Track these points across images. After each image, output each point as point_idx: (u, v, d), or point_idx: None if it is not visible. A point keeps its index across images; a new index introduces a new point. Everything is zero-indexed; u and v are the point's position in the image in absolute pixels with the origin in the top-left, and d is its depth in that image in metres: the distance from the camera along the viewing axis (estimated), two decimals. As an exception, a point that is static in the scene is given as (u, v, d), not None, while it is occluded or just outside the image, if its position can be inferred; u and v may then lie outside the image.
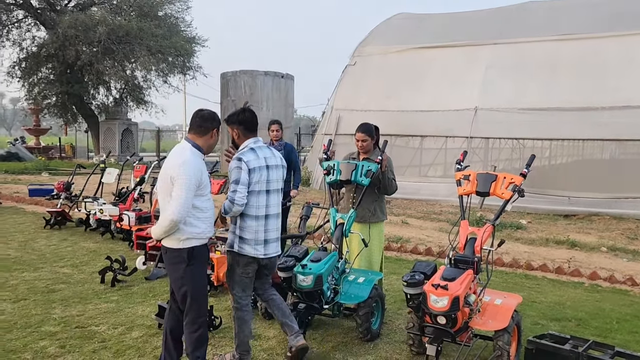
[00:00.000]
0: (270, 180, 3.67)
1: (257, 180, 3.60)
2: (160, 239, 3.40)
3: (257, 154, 3.65)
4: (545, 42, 14.26)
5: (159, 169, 9.01)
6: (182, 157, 3.32)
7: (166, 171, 3.33)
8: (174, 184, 3.26)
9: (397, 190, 4.90)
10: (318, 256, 4.19)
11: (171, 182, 3.27)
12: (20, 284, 5.84)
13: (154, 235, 3.40)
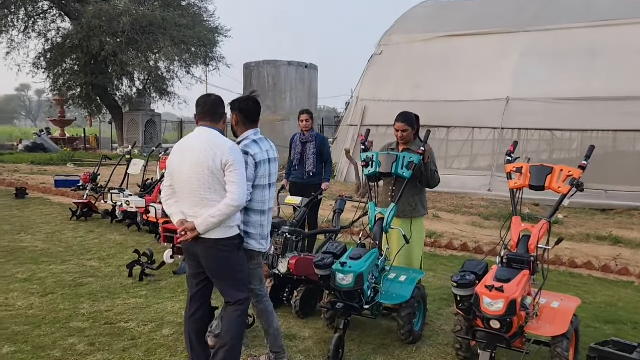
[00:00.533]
0: (271, 173, 3.56)
1: (263, 174, 3.47)
2: (207, 231, 3.16)
3: (260, 146, 3.50)
4: (584, 28, 13.70)
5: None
6: (226, 142, 3.19)
7: (208, 159, 3.12)
8: (226, 169, 3.13)
9: (439, 183, 4.62)
10: (358, 253, 3.94)
11: (221, 169, 3.12)
12: (47, 277, 5.72)
13: (204, 228, 3.14)
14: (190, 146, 3.24)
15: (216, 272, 3.30)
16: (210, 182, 3.13)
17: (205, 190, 3.15)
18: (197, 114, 3.33)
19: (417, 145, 4.61)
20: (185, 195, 3.22)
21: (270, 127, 20.66)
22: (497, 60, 14.88)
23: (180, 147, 3.30)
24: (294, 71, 20.83)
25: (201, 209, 3.16)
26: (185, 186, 3.21)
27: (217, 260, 3.25)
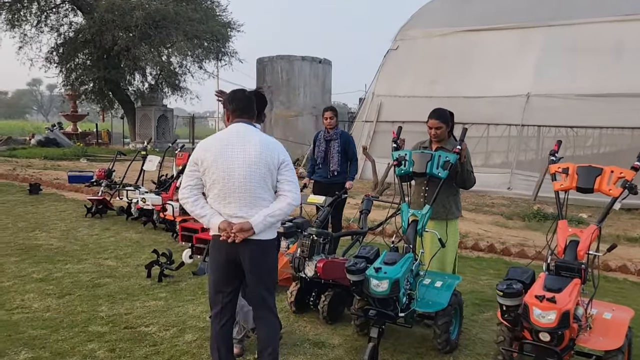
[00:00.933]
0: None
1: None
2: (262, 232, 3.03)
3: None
4: (608, 23, 13.34)
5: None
6: (276, 140, 3.19)
7: (266, 157, 3.03)
8: (282, 168, 3.08)
9: (475, 184, 4.39)
10: (392, 258, 3.72)
11: (277, 167, 3.07)
12: (64, 277, 5.56)
13: (261, 228, 3.00)
14: (239, 143, 3.04)
15: (260, 275, 3.13)
16: (265, 180, 3.04)
17: (260, 189, 3.03)
18: (234, 110, 3.15)
19: (452, 143, 4.38)
20: (235, 195, 3.01)
21: (284, 123, 20.50)
22: (517, 56, 14.55)
23: (220, 144, 3.03)
24: (307, 66, 20.60)
25: (251, 209, 3.00)
26: (235, 185, 3.00)
27: (265, 262, 3.12)
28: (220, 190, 3.02)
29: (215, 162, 3.01)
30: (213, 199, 3.06)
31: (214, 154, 3.01)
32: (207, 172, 3.03)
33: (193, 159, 3.08)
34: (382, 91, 16.59)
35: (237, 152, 3.02)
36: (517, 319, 3.18)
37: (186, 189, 3.07)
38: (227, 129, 3.13)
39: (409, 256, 3.78)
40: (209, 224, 3.05)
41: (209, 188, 3.07)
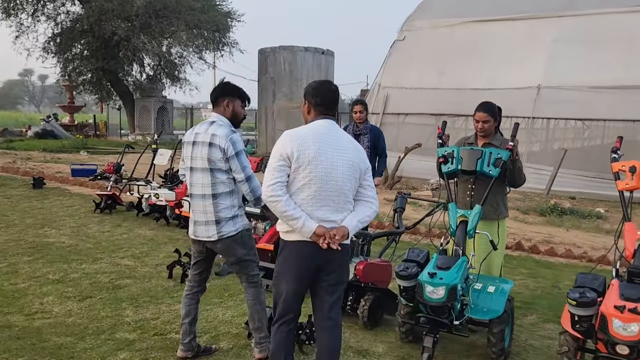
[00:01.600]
0: (193, 157, 3.41)
1: (186, 155, 3.49)
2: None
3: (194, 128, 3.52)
4: (622, 14, 13.11)
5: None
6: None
7: (359, 161, 2.90)
8: (365, 173, 2.94)
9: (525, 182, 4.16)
10: (446, 262, 3.49)
11: (364, 172, 2.93)
12: (81, 278, 5.30)
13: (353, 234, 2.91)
14: (335, 143, 2.82)
15: (342, 282, 3.01)
16: (355, 185, 2.88)
17: (351, 194, 2.89)
18: (319, 104, 2.88)
19: (499, 139, 4.15)
20: (330, 198, 2.79)
21: (287, 114, 20.21)
22: (527, 47, 14.31)
23: (317, 140, 2.77)
24: (310, 57, 20.31)
25: (340, 214, 2.82)
26: (333, 188, 2.78)
27: (347, 269, 3.07)
28: (316, 191, 2.75)
29: (316, 160, 2.73)
30: (304, 200, 2.76)
31: (314, 150, 2.74)
32: (303, 169, 2.73)
33: (282, 151, 2.73)
34: (389, 83, 16.34)
35: (336, 152, 2.80)
36: (591, 330, 2.97)
37: (276, 185, 2.71)
38: (316, 125, 2.85)
39: (463, 260, 3.55)
40: (302, 227, 2.73)
41: (299, 187, 2.76)
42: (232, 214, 3.40)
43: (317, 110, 2.88)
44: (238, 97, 3.52)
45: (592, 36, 13.35)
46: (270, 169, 2.76)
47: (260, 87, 20.95)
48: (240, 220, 3.45)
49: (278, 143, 2.79)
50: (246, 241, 3.50)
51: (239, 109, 3.53)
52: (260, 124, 21.01)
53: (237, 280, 5.33)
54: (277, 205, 2.72)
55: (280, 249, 2.93)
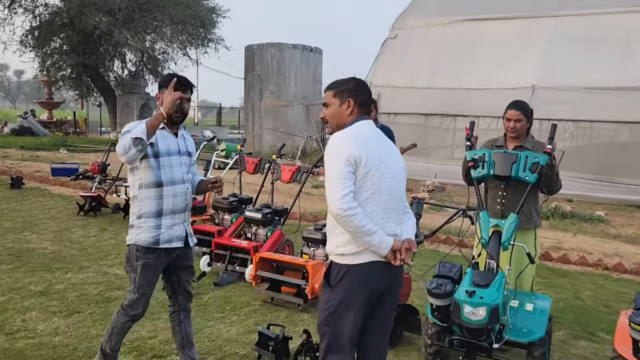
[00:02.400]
0: None
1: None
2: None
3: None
4: (618, 14, 12.97)
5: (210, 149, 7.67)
6: None
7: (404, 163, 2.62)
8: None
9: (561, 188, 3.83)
10: (483, 278, 3.15)
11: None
12: (67, 290, 4.85)
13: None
14: (390, 145, 2.58)
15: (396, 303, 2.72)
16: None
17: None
18: (363, 102, 2.55)
19: (531, 142, 3.82)
20: (395, 208, 2.49)
21: (274, 113, 19.78)
22: (521, 47, 14.12)
23: (378, 141, 2.50)
24: (299, 55, 19.90)
25: (400, 225, 2.52)
26: (397, 196, 2.51)
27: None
28: (385, 201, 2.42)
29: (383, 165, 2.42)
30: (374, 212, 2.39)
31: (380, 153, 2.42)
32: (371, 175, 2.37)
33: (349, 154, 2.34)
34: (380, 81, 15.99)
35: (393, 156, 2.52)
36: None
37: (350, 196, 2.31)
38: (365, 126, 2.51)
39: (501, 276, 3.20)
40: (379, 244, 2.36)
41: (368, 197, 2.38)
42: (131, 222, 3.05)
43: (361, 110, 2.55)
44: (166, 87, 2.93)
45: (587, 36, 13.20)
46: (337, 177, 2.32)
47: (246, 85, 20.49)
48: (136, 232, 3.01)
49: (337, 145, 2.39)
50: (131, 258, 3.05)
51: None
52: (247, 122, 20.54)
53: (238, 291, 4.97)
54: (355, 220, 2.30)
55: (338, 276, 2.43)
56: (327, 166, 2.39)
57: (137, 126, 2.80)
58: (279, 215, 5.70)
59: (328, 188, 2.35)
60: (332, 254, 2.48)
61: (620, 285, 5.58)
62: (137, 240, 2.98)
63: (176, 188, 3.04)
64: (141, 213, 2.99)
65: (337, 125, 2.55)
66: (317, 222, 7.89)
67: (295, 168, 5.96)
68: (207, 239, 5.87)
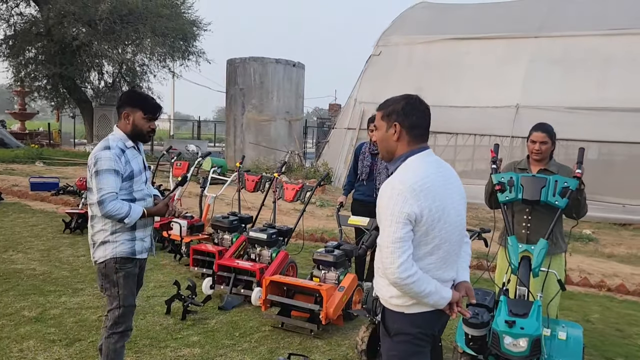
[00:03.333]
0: None
1: None
2: None
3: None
4: (595, 36, 13.31)
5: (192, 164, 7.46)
6: None
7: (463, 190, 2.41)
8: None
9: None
10: (520, 307, 3.06)
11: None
12: (64, 315, 4.59)
13: None
14: (454, 184, 2.33)
15: None
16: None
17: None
18: (417, 126, 2.27)
19: (555, 165, 3.77)
20: (455, 252, 2.31)
21: (256, 127, 19.58)
22: (504, 66, 14.37)
23: (441, 184, 2.23)
24: (281, 69, 19.80)
25: (455, 266, 2.33)
26: (457, 242, 2.31)
27: None
28: (445, 252, 2.22)
29: (445, 216, 2.19)
30: (432, 265, 2.20)
31: (442, 201, 2.19)
32: (431, 229, 2.16)
33: (409, 211, 2.10)
34: (365, 98, 16.03)
35: (455, 194, 2.29)
36: None
37: (408, 262, 2.10)
38: (424, 164, 2.24)
39: (538, 305, 3.12)
40: (438, 300, 2.19)
41: (427, 252, 2.19)
42: (102, 239, 3.01)
43: (412, 135, 2.26)
44: (140, 108, 3.04)
45: (567, 57, 13.53)
46: (394, 241, 2.10)
47: (228, 99, 20.28)
48: (112, 247, 3.00)
49: (395, 199, 2.13)
50: (109, 274, 3.03)
51: (140, 122, 3.05)
52: (229, 136, 20.29)
53: (245, 316, 4.78)
54: (414, 287, 2.12)
55: (395, 325, 2.28)
56: (383, 224, 2.17)
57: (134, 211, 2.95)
58: (283, 236, 5.55)
59: (384, 251, 2.14)
60: (386, 302, 2.32)
61: (626, 307, 5.58)
62: (114, 254, 3.00)
63: (146, 202, 3.11)
64: (115, 228, 2.99)
65: (387, 153, 2.35)
66: (318, 240, 7.78)
67: (299, 187, 5.82)
68: (207, 260, 5.69)
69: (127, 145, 3.04)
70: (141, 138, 3.12)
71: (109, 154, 2.91)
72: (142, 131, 3.07)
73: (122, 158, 2.96)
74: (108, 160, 2.89)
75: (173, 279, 5.75)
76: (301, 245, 6.62)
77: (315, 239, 7.84)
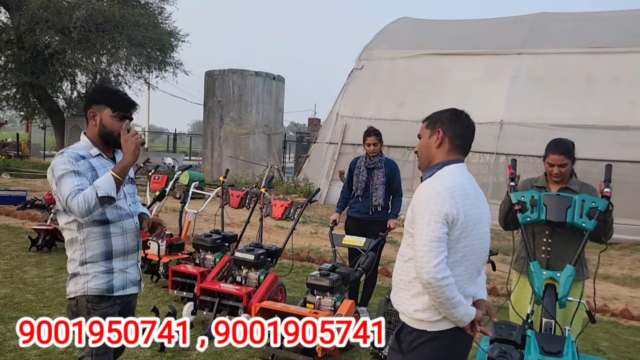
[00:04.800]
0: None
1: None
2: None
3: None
4: (577, 54, 13.38)
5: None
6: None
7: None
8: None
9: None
10: (552, 345, 2.72)
11: None
12: (28, 348, 4.07)
13: None
14: (482, 197, 2.23)
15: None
16: None
17: None
18: (457, 137, 2.28)
19: (577, 183, 3.47)
20: (478, 267, 2.23)
21: (234, 140, 19.14)
22: (487, 82, 14.32)
23: (473, 195, 2.19)
24: (261, 82, 19.47)
25: (476, 282, 2.25)
26: (483, 255, 2.23)
27: None
28: (473, 264, 2.17)
29: (478, 226, 2.15)
30: (460, 277, 2.13)
31: (478, 210, 2.16)
32: (464, 237, 2.11)
33: (447, 211, 2.07)
34: (347, 112, 15.79)
35: (486, 212, 2.21)
36: None
37: (444, 263, 2.04)
38: (460, 173, 2.22)
39: (571, 340, 2.78)
40: (463, 316, 2.10)
41: (457, 260, 2.12)
42: (72, 270, 2.52)
43: (453, 144, 2.26)
44: (107, 104, 2.53)
45: (550, 75, 13.55)
46: (432, 240, 2.05)
47: (206, 111, 19.83)
48: (82, 281, 2.50)
49: (434, 198, 2.10)
50: (81, 314, 2.50)
51: (109, 121, 2.52)
52: (206, 149, 19.79)
53: (231, 346, 4.32)
54: (447, 291, 2.03)
55: (414, 342, 2.17)
56: (419, 223, 2.11)
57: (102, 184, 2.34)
58: (272, 256, 5.13)
59: (420, 251, 2.07)
60: (408, 317, 2.18)
61: (632, 333, 5.31)
62: (85, 291, 2.48)
63: (125, 224, 2.57)
64: (85, 258, 2.48)
65: (425, 159, 2.32)
66: (304, 260, 7.36)
67: (288, 203, 5.42)
68: (187, 282, 5.25)
69: (91, 154, 2.51)
70: (113, 143, 2.55)
71: (62, 159, 2.42)
72: (113, 133, 2.52)
73: (82, 162, 2.43)
74: (62, 164, 2.39)
75: (149, 302, 5.30)
76: (286, 265, 6.22)
77: (301, 259, 7.42)
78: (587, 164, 12.89)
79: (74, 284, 2.51)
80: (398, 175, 5.11)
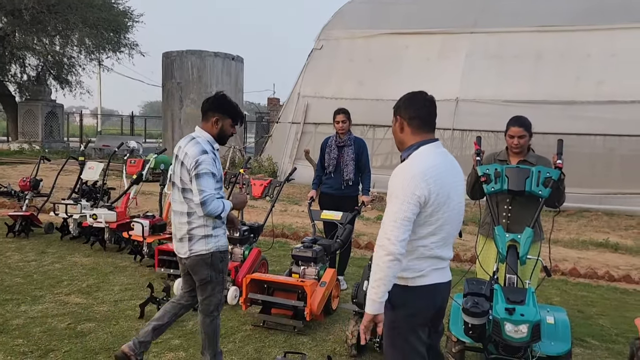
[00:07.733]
0: (174, 172, 3.36)
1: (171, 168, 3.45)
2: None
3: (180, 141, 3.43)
4: (527, 32, 14.05)
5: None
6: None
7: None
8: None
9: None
10: (516, 295, 3.18)
11: None
12: (29, 325, 4.30)
13: None
14: (458, 172, 2.53)
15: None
16: None
17: None
18: (413, 117, 2.47)
19: (534, 156, 3.93)
20: (453, 235, 2.54)
21: (196, 123, 18.96)
22: (442, 61, 14.83)
23: (446, 173, 2.43)
24: (220, 63, 19.43)
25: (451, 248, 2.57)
26: (457, 224, 2.54)
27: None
28: (446, 232, 2.45)
29: (449, 201, 2.41)
30: (433, 244, 2.42)
31: (448, 189, 2.40)
32: (437, 212, 2.37)
33: (419, 193, 2.31)
34: (308, 92, 16.06)
35: (458, 182, 2.49)
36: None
37: (405, 242, 2.30)
38: (432, 154, 2.44)
39: (531, 291, 3.25)
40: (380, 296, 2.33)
41: (430, 232, 2.40)
42: (204, 233, 3.28)
43: (413, 126, 2.47)
44: (229, 116, 3.37)
45: (501, 52, 14.16)
46: (401, 219, 2.30)
47: (165, 93, 19.66)
48: (214, 240, 3.31)
49: (407, 180, 2.33)
50: (215, 263, 3.33)
51: (228, 128, 3.39)
52: (166, 132, 19.68)
53: (223, 316, 4.65)
54: (394, 267, 2.30)
55: (395, 301, 2.44)
56: (393, 201, 2.35)
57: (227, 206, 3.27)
58: (254, 233, 5.46)
59: (390, 224, 2.31)
60: None
61: (580, 289, 5.95)
62: (218, 247, 3.32)
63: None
64: (215, 224, 3.30)
65: (398, 143, 2.57)
66: (279, 236, 7.70)
67: (267, 182, 5.74)
68: (173, 260, 5.51)
69: (214, 148, 3.31)
70: (222, 141, 3.39)
71: (209, 159, 3.17)
72: (227, 136, 3.39)
73: (216, 161, 3.24)
74: (208, 165, 3.15)
75: (137, 281, 5.57)
76: (262, 242, 6.55)
77: (276, 235, 7.77)
78: (537, 137, 13.69)
79: (205, 244, 3.26)
80: (366, 152, 5.52)
